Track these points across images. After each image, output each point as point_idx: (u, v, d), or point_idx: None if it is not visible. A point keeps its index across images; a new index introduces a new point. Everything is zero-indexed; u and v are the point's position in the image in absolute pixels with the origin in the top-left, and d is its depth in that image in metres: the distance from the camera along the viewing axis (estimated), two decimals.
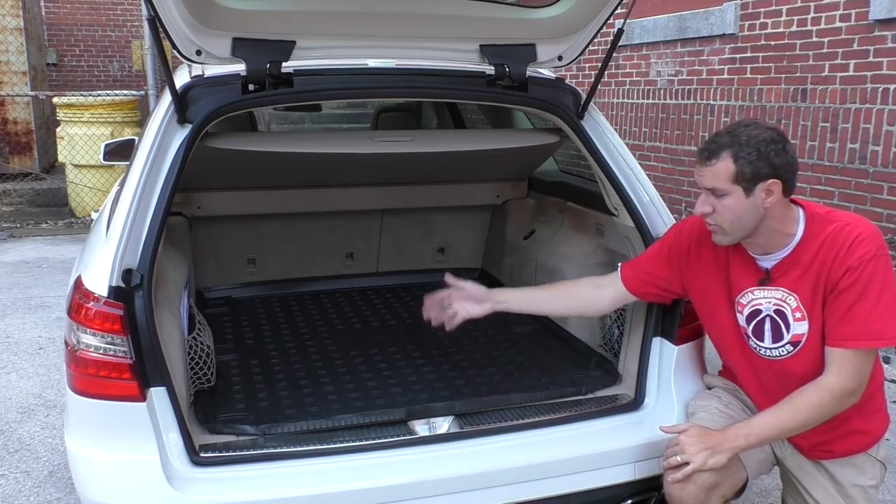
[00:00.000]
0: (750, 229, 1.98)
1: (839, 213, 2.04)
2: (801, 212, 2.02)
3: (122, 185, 2.38)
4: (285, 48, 2.29)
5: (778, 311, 2.04)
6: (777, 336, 2.05)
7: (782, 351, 2.05)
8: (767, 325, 2.06)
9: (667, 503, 2.13)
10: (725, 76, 5.94)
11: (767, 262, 2.05)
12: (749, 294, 2.08)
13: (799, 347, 2.02)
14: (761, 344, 2.09)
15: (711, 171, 1.94)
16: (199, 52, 2.24)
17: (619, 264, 2.38)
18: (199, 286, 3.57)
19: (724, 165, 1.92)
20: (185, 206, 3.34)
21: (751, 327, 2.10)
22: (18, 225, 8.09)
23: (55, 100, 8.48)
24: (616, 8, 2.42)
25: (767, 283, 2.05)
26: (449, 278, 2.39)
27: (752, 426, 2.01)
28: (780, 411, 1.99)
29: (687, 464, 1.99)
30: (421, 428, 2.28)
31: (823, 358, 1.99)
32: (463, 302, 2.35)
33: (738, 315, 2.12)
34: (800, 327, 2.01)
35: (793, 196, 2.00)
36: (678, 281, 2.25)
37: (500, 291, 2.45)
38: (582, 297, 2.41)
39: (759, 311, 2.07)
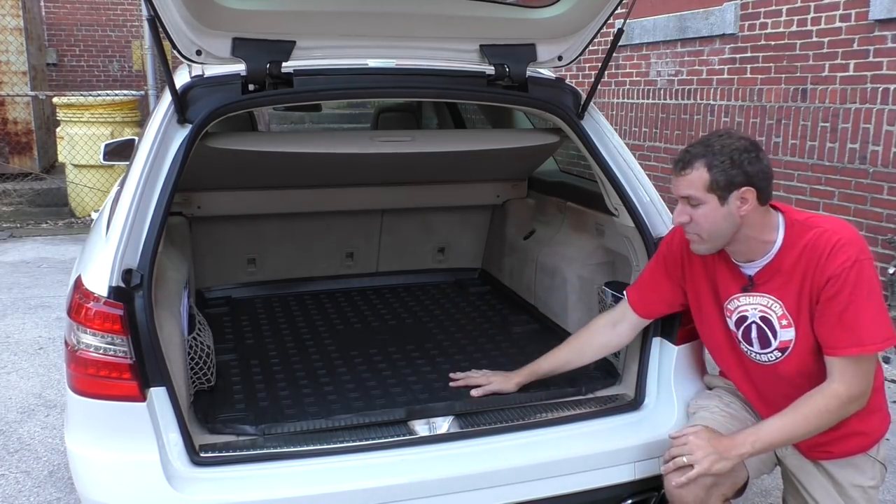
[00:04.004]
0: (727, 237, 2.00)
1: (819, 217, 2.04)
2: (780, 218, 2.03)
3: (122, 185, 2.38)
4: (285, 48, 2.29)
5: (764, 319, 2.05)
6: (764, 343, 2.07)
7: (771, 357, 2.07)
8: (754, 333, 2.08)
9: (667, 502, 2.14)
10: (725, 76, 5.93)
11: (750, 270, 2.06)
12: (735, 300, 2.10)
13: (787, 353, 2.04)
14: (751, 349, 2.11)
15: (686, 180, 1.96)
16: (199, 52, 2.24)
17: (625, 291, 2.40)
18: (198, 286, 3.57)
19: (698, 175, 1.94)
20: (185, 206, 3.34)
21: (740, 332, 2.12)
22: (18, 225, 8.08)
23: (55, 100, 8.48)
24: (616, 8, 2.43)
25: (751, 289, 2.06)
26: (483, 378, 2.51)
27: (761, 433, 2.00)
28: (788, 418, 1.98)
29: (692, 467, 1.98)
30: (421, 428, 2.28)
31: (812, 362, 2.01)
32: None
33: (728, 320, 2.14)
34: (787, 334, 2.02)
35: (774, 202, 2.02)
36: (680, 290, 2.28)
37: (526, 368, 2.50)
38: (603, 343, 2.43)
39: (745, 318, 2.09)
